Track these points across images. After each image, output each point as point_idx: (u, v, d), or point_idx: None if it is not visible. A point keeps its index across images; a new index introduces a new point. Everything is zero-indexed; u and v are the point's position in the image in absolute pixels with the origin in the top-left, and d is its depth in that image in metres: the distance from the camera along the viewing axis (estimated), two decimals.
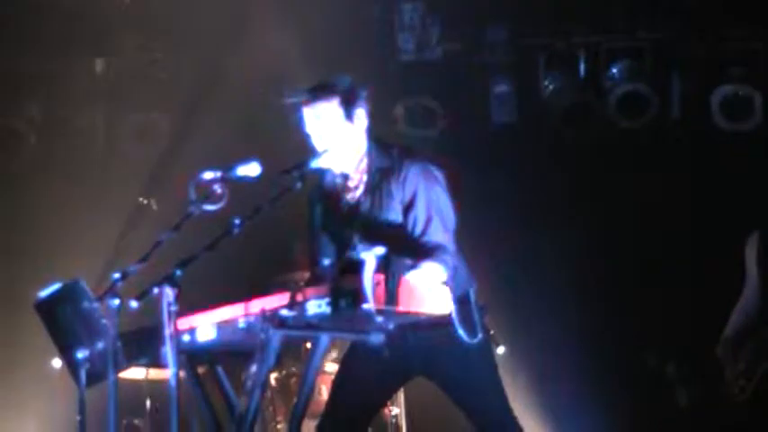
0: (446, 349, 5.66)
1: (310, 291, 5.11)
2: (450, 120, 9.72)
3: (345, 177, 5.73)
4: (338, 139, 5.62)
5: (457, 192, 5.68)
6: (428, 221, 5.58)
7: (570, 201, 9.62)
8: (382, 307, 4.88)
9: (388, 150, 5.73)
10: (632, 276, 9.42)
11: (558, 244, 9.51)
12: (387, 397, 5.96)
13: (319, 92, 5.65)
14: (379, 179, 5.67)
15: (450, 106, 9.74)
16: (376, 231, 5.55)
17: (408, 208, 5.61)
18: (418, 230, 5.58)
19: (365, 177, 5.71)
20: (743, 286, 6.29)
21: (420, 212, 5.59)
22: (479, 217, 8.20)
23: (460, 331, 5.51)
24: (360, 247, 4.95)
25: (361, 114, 5.67)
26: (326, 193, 5.81)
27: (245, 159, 5.49)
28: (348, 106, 5.62)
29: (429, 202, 5.60)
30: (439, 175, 5.69)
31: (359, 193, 5.73)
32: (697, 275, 9.01)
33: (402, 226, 5.61)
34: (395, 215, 5.63)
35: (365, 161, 5.72)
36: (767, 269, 6.21)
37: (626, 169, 9.57)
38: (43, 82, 9.66)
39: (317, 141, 5.66)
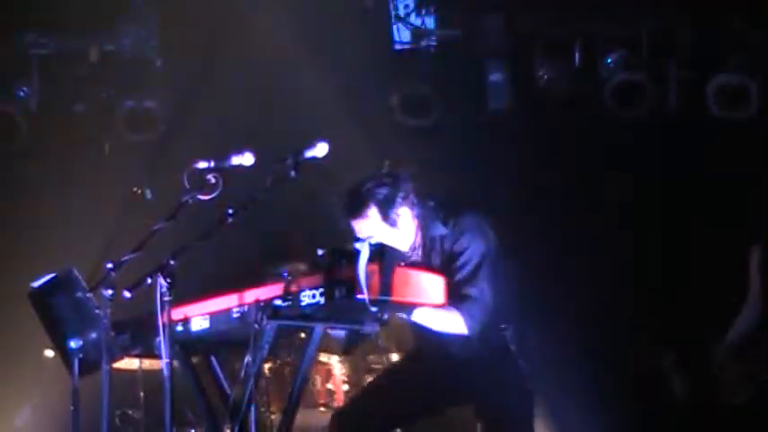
0: (503, 383, 5.76)
1: (304, 281, 5.11)
2: (446, 108, 9.69)
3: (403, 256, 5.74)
4: (387, 240, 5.63)
5: None
6: (469, 275, 5.63)
7: (566, 190, 9.59)
8: (377, 297, 4.87)
9: (440, 215, 5.78)
10: (628, 265, 9.39)
11: (553, 233, 9.49)
12: (427, 414, 6.03)
13: (353, 212, 5.69)
14: (434, 245, 5.75)
15: (446, 95, 9.70)
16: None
17: (454, 260, 5.66)
18: (457, 280, 5.62)
19: (420, 251, 5.78)
20: (746, 292, 6.32)
21: (463, 266, 5.64)
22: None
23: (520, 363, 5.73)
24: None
25: (403, 213, 5.72)
26: None
27: (239, 149, 5.48)
28: (387, 215, 5.68)
29: (473, 258, 5.65)
30: (488, 231, 5.77)
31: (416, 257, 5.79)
32: (693, 266, 8.99)
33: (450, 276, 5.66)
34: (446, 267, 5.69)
35: (419, 236, 5.79)
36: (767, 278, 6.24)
37: (622, 159, 9.54)
38: (37, 69, 9.62)
39: None
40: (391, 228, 5.68)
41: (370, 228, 5.67)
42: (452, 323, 5.52)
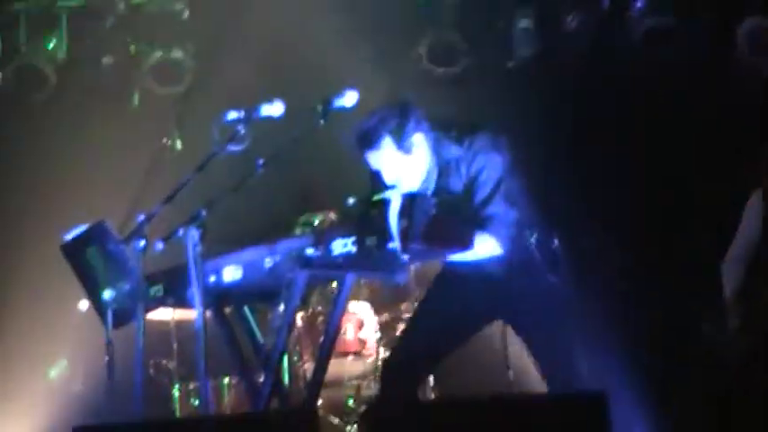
0: (533, 292, 5.78)
1: (336, 230, 5.12)
2: (473, 56, 9.65)
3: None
4: (402, 171, 5.69)
5: None
6: (490, 193, 5.66)
7: (595, 136, 9.54)
8: (408, 245, 4.88)
9: (453, 137, 5.78)
10: (659, 215, 9.34)
11: (581, 180, 9.45)
12: (468, 335, 6.04)
13: (367, 143, 5.67)
14: (449, 168, 5.77)
15: (473, 42, 9.66)
16: (446, 199, 5.65)
17: (474, 181, 5.68)
18: (479, 201, 5.66)
19: (435, 175, 5.79)
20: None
21: (483, 186, 5.67)
22: None
23: (549, 275, 5.75)
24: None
25: (416, 140, 5.71)
26: None
27: (268, 98, 5.48)
28: (400, 143, 5.67)
29: (491, 176, 5.68)
30: (502, 148, 5.78)
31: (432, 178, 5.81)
32: (718, 216, 8.92)
33: (468, 197, 5.68)
34: (461, 188, 5.73)
35: (433, 160, 5.79)
36: None
37: (651, 104, 9.47)
38: (65, 21, 9.61)
39: (383, 175, 5.73)
40: (406, 155, 5.68)
41: (385, 158, 5.69)
42: (485, 246, 5.56)
